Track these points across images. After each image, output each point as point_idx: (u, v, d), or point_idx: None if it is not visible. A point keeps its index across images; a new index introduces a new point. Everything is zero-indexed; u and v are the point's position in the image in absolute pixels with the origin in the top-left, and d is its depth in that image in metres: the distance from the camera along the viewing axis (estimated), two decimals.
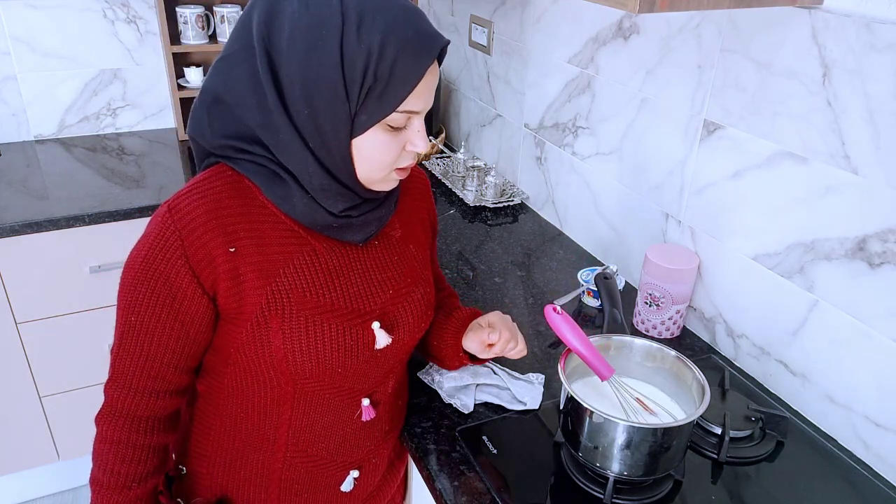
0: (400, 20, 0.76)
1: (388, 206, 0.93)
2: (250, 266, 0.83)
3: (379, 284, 0.93)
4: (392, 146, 0.82)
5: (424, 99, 0.81)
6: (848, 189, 1.03)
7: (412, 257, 0.99)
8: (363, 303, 0.91)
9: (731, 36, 1.19)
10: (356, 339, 0.89)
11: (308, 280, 0.86)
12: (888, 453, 1.04)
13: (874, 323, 1.03)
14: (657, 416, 0.99)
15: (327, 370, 0.88)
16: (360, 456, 1.03)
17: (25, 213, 1.74)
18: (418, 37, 0.77)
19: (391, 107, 0.78)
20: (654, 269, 1.31)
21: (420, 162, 2.17)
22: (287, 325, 0.84)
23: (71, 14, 2.10)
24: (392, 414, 1.05)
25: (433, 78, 0.80)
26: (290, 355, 0.85)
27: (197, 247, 0.80)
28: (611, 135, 1.54)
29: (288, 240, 0.86)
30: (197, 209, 0.81)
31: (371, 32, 0.74)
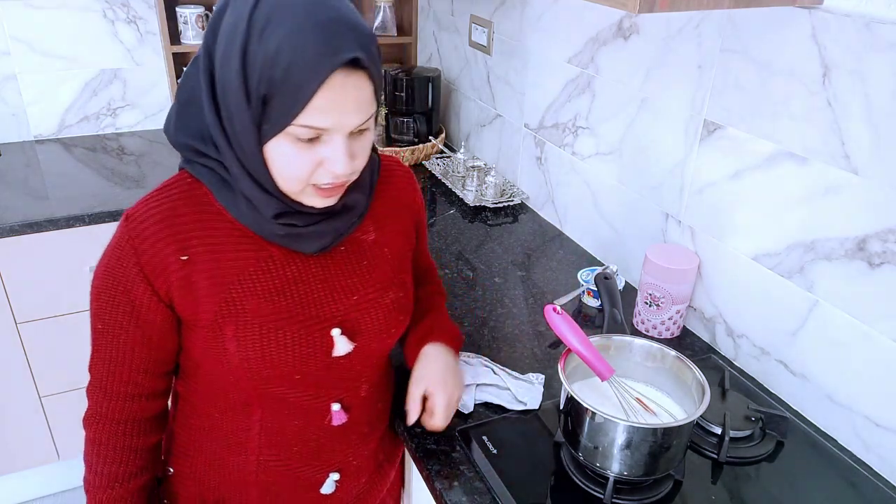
0: (303, 28, 0.71)
1: (349, 219, 0.90)
2: (203, 274, 0.83)
3: (342, 290, 0.91)
4: (300, 160, 0.77)
5: (333, 116, 0.74)
6: (848, 189, 1.03)
7: (385, 261, 0.96)
8: (322, 309, 0.89)
9: (731, 36, 1.19)
10: (313, 346, 0.88)
11: (264, 287, 0.86)
12: (888, 453, 1.04)
13: (874, 323, 1.03)
14: (657, 416, 0.99)
15: (285, 377, 0.88)
16: (337, 459, 1.01)
17: (25, 213, 1.74)
18: (315, 48, 0.71)
19: (287, 119, 0.74)
20: (654, 269, 1.31)
21: (420, 162, 2.17)
22: (242, 333, 0.85)
23: (71, 14, 2.10)
24: (369, 417, 1.03)
25: (345, 94, 0.74)
26: (245, 362, 0.85)
27: (150, 255, 0.81)
28: (611, 135, 1.54)
29: (244, 247, 0.85)
30: (150, 217, 0.82)
31: (269, 39, 0.71)
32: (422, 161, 2.18)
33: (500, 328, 1.36)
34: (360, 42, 0.74)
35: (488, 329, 1.36)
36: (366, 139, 0.81)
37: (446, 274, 1.55)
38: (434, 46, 2.39)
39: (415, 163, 2.17)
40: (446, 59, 2.31)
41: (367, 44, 0.75)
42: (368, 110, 0.78)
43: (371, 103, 0.78)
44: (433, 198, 1.97)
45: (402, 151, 2.12)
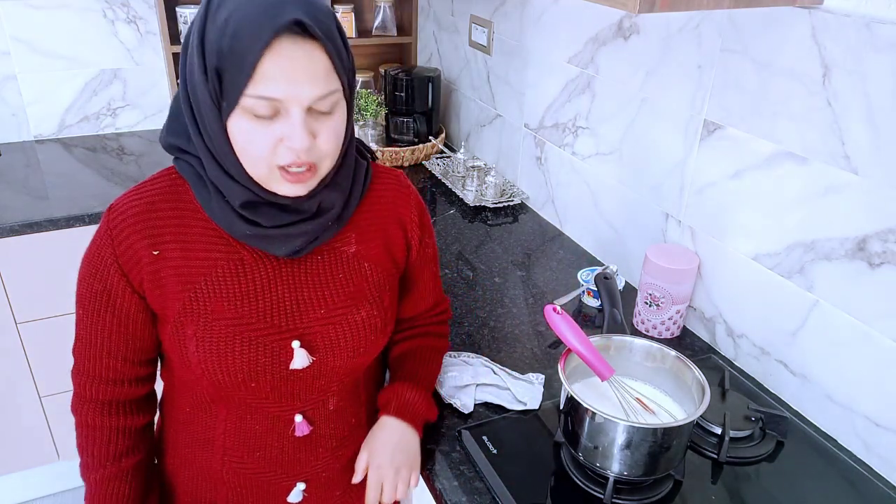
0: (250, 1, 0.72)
1: (323, 222, 0.87)
2: (171, 270, 0.84)
3: (309, 301, 0.89)
4: (259, 137, 0.75)
5: (283, 85, 0.73)
6: (848, 189, 1.03)
7: (363, 277, 0.93)
8: (284, 319, 0.88)
9: (731, 36, 1.19)
10: (269, 356, 0.87)
11: (229, 290, 0.86)
12: (888, 453, 1.04)
13: (874, 323, 1.03)
14: (657, 416, 0.99)
15: (240, 383, 0.88)
16: (303, 469, 0.99)
17: (25, 213, 1.74)
18: (258, 13, 0.71)
19: (238, 90, 0.73)
20: (654, 269, 1.31)
21: (420, 162, 2.17)
22: (201, 333, 0.85)
23: (71, 14, 2.10)
24: (340, 432, 1.01)
25: (294, 62, 0.73)
26: (202, 363, 0.86)
27: (125, 247, 0.83)
28: (611, 135, 1.54)
29: (216, 246, 0.86)
30: (129, 210, 0.84)
31: (220, 13, 0.73)
32: (422, 161, 2.18)
33: (500, 328, 1.36)
34: (306, 9, 0.72)
35: (488, 329, 1.36)
36: (332, 122, 0.79)
37: (446, 274, 1.55)
38: (434, 46, 2.39)
39: (415, 163, 2.17)
40: (446, 59, 2.31)
41: (314, 12, 0.73)
42: (325, 84, 0.75)
43: (328, 77, 0.75)
44: (433, 198, 1.97)
45: (402, 151, 2.13)
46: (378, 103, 2.17)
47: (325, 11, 0.76)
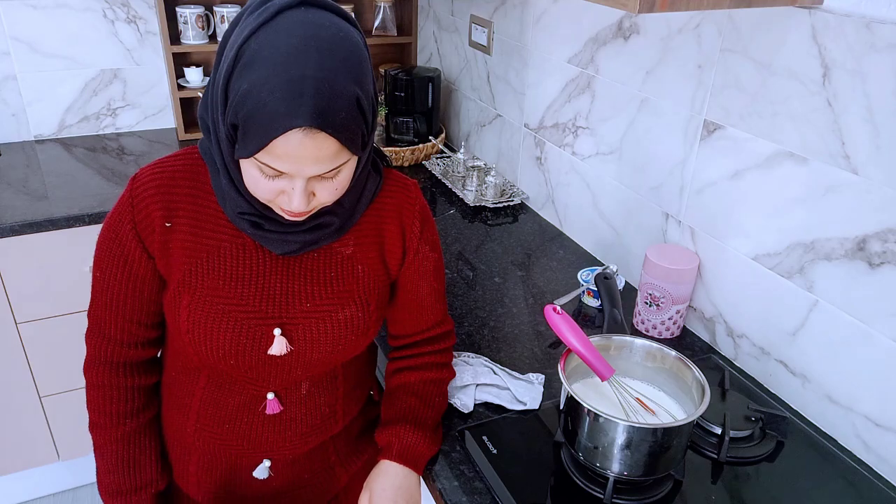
0: (269, 82, 0.73)
1: (318, 235, 0.91)
2: (179, 243, 0.90)
3: (297, 294, 0.93)
4: (264, 185, 0.81)
5: (289, 165, 0.77)
6: (848, 189, 1.03)
7: (354, 278, 0.96)
8: (271, 307, 0.92)
9: (731, 36, 1.19)
10: (251, 339, 0.91)
11: (226, 270, 0.91)
12: (888, 453, 1.04)
13: (874, 323, 1.03)
14: (657, 416, 0.99)
15: (221, 358, 0.92)
16: (269, 447, 1.02)
17: (25, 213, 1.74)
18: (273, 106, 0.73)
19: (249, 151, 0.77)
20: (654, 269, 1.31)
21: (420, 162, 2.17)
22: (194, 305, 0.90)
23: (71, 14, 2.10)
24: (311, 418, 1.02)
25: (302, 150, 0.75)
26: (190, 333, 0.91)
27: (143, 215, 0.88)
28: (611, 135, 1.54)
29: (222, 228, 0.91)
30: (151, 181, 0.89)
31: (244, 79, 0.75)
32: (422, 161, 2.18)
33: (500, 328, 1.36)
34: (321, 108, 0.73)
35: (488, 329, 1.36)
36: (338, 180, 0.82)
37: (446, 274, 1.55)
38: (434, 46, 2.39)
39: (415, 163, 2.17)
40: (446, 59, 2.31)
41: (331, 108, 0.74)
42: (332, 163, 0.78)
43: (336, 157, 0.78)
44: (433, 198, 1.97)
45: (402, 151, 2.13)
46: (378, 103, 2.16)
47: (345, 100, 0.76)
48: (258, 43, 0.75)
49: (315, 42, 0.75)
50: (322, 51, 0.75)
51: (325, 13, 0.79)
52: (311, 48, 0.74)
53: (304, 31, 0.75)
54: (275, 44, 0.75)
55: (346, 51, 0.77)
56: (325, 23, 0.77)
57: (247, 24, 0.78)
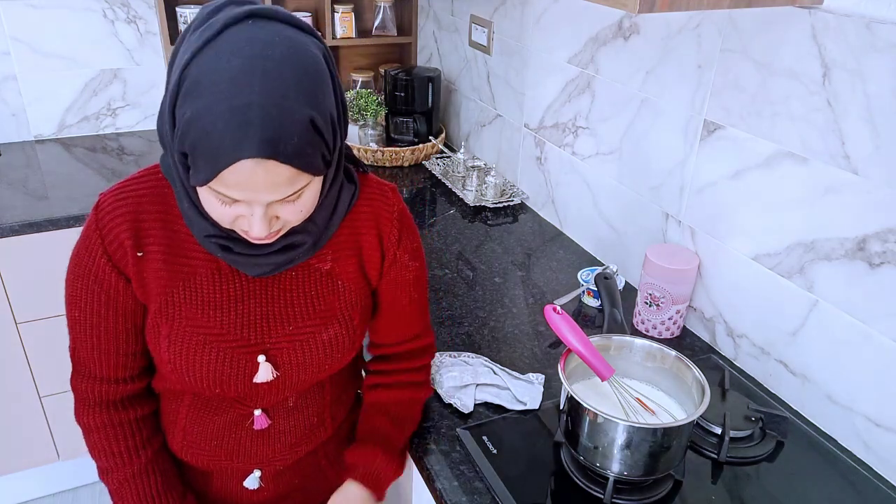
0: (212, 111, 0.68)
1: (291, 255, 0.86)
2: (153, 273, 0.86)
3: (278, 317, 0.90)
4: (221, 212, 0.76)
5: (243, 194, 0.72)
6: (848, 189, 1.03)
7: (335, 294, 0.93)
8: (253, 333, 0.89)
9: (731, 36, 1.19)
10: (234, 368, 0.89)
11: (203, 298, 0.87)
12: (888, 453, 1.04)
13: (874, 323, 1.03)
14: (657, 416, 0.99)
15: (205, 387, 0.90)
16: (259, 460, 1.01)
17: (25, 213, 1.74)
18: (219, 136, 0.68)
19: (198, 182, 0.73)
20: (654, 269, 1.31)
21: (420, 162, 2.17)
22: (173, 336, 0.87)
23: (71, 14, 2.10)
24: (300, 429, 1.02)
25: (254, 178, 0.70)
26: (172, 363, 0.88)
27: (115, 246, 0.84)
28: (611, 135, 1.54)
29: (196, 253, 0.87)
30: (116, 210, 0.84)
31: (187, 106, 0.70)
32: (422, 161, 2.18)
33: (500, 328, 1.36)
34: (269, 137, 0.68)
35: (488, 329, 1.36)
36: (301, 202, 0.78)
37: (446, 274, 1.55)
38: (434, 46, 2.39)
39: (415, 163, 2.17)
40: (446, 59, 2.31)
41: (278, 137, 0.69)
42: (289, 188, 0.74)
43: (292, 181, 0.73)
44: (433, 198, 1.97)
45: (402, 151, 2.13)
46: (378, 103, 2.17)
47: (297, 124, 0.70)
48: (200, 66, 0.70)
49: (262, 63, 0.69)
50: (269, 72, 0.69)
51: (276, 26, 0.73)
52: (256, 70, 0.69)
53: (249, 51, 0.69)
54: (217, 66, 0.69)
55: (298, 68, 0.71)
56: (273, 38, 0.71)
57: (190, 43, 0.72)
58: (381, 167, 2.15)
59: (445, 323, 1.37)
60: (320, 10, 2.31)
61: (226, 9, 0.73)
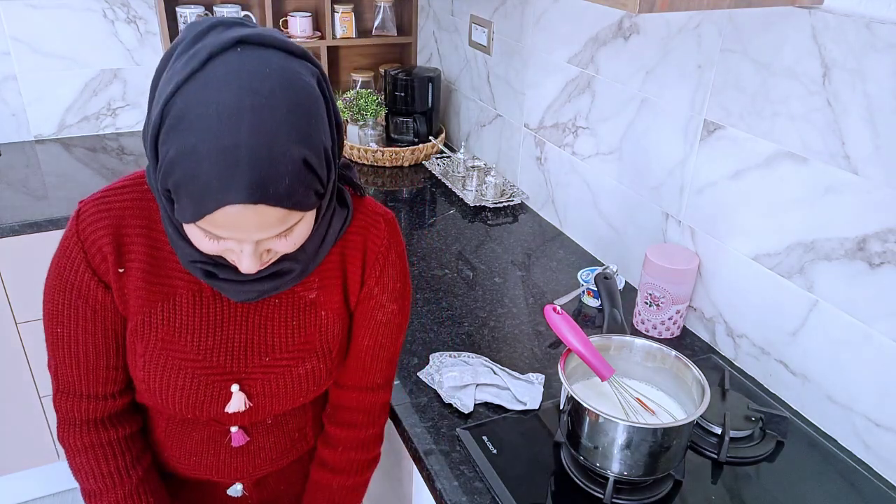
0: (197, 151, 0.64)
1: (279, 283, 0.82)
2: (133, 290, 0.82)
3: (256, 347, 0.87)
4: (207, 244, 0.73)
5: (231, 234, 0.69)
6: (848, 189, 1.03)
7: (317, 326, 0.89)
8: (230, 361, 0.86)
9: (731, 36, 1.19)
10: (207, 395, 0.86)
11: (183, 321, 0.84)
12: (888, 453, 1.04)
13: (874, 323, 1.03)
14: (657, 416, 0.99)
15: (178, 411, 0.87)
16: (240, 474, 0.99)
17: (25, 213, 1.74)
18: (205, 180, 0.64)
19: (184, 220, 0.70)
20: (654, 269, 1.31)
21: (420, 162, 2.17)
22: (148, 356, 0.84)
23: (71, 14, 2.10)
24: (281, 444, 0.99)
25: (243, 220, 0.67)
26: (145, 383, 0.85)
27: (99, 259, 0.81)
28: (611, 135, 1.54)
29: (178, 273, 0.83)
30: (99, 222, 0.80)
31: (172, 142, 0.66)
32: (422, 161, 2.18)
33: (500, 328, 1.36)
34: (258, 180, 0.65)
35: (488, 329, 1.36)
36: (293, 236, 0.74)
37: (446, 274, 1.55)
38: (434, 46, 2.39)
39: (415, 163, 2.17)
40: (446, 59, 2.31)
41: (267, 180, 0.65)
42: (280, 226, 0.70)
43: (283, 220, 0.70)
44: (433, 198, 1.97)
45: (402, 151, 2.13)
46: (378, 103, 2.17)
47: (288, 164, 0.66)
48: (185, 99, 0.65)
49: (250, 98, 0.64)
50: (259, 109, 0.64)
51: (266, 53, 0.68)
52: (244, 107, 0.64)
53: (238, 84, 0.65)
54: (204, 102, 0.64)
55: (290, 102, 0.67)
56: (263, 69, 0.67)
57: (175, 71, 0.67)
58: (381, 167, 2.15)
59: (445, 323, 1.37)
60: (320, 10, 2.31)
61: (212, 32, 0.69)
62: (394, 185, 2.05)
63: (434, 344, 1.30)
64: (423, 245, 1.68)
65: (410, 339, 1.31)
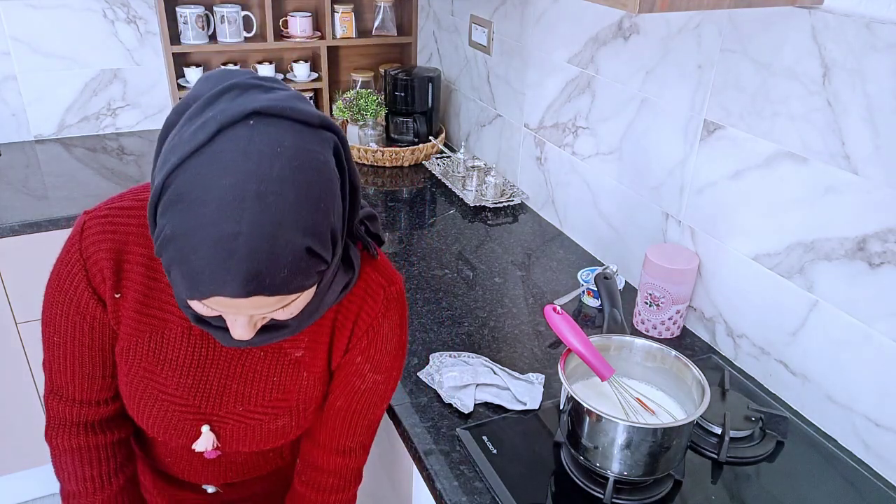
0: (192, 237, 0.61)
1: (273, 335, 0.79)
2: (126, 316, 0.82)
3: (233, 394, 0.86)
4: (202, 308, 0.69)
5: (226, 311, 0.68)
6: (848, 189, 1.03)
7: (298, 386, 0.87)
8: (203, 402, 0.85)
9: (731, 36, 1.19)
10: (178, 430, 0.87)
11: (167, 355, 0.83)
12: (888, 453, 1.04)
13: (874, 323, 1.03)
14: (657, 416, 0.99)
15: (151, 433, 0.88)
16: (215, 479, 1.00)
17: (25, 213, 1.74)
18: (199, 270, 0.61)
19: (175, 292, 0.68)
20: (654, 269, 1.31)
21: (420, 162, 2.17)
22: (128, 379, 0.84)
23: (71, 14, 2.10)
24: (253, 461, 0.99)
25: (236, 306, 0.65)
26: (125, 400, 0.87)
27: (99, 279, 0.80)
28: (611, 135, 1.54)
29: (172, 308, 0.82)
30: (102, 243, 0.78)
31: (168, 219, 0.62)
32: (422, 161, 2.18)
33: (500, 328, 1.36)
34: (255, 273, 0.61)
35: (488, 329, 1.36)
36: (292, 307, 0.71)
37: (446, 274, 1.55)
38: (434, 46, 2.39)
39: (415, 163, 2.17)
40: (446, 59, 2.31)
41: (265, 272, 0.61)
42: (277, 305, 0.67)
43: (279, 301, 0.67)
44: (433, 198, 1.97)
45: (402, 151, 2.13)
46: (378, 103, 2.17)
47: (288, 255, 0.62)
48: (187, 176, 0.61)
49: (256, 184, 0.60)
50: (263, 196, 0.60)
51: (281, 126, 0.63)
52: (249, 193, 0.60)
53: (244, 167, 0.60)
54: (206, 183, 0.60)
55: (299, 187, 0.62)
56: (274, 149, 0.61)
57: (182, 138, 0.63)
58: (381, 167, 2.15)
59: (445, 323, 1.37)
60: (320, 10, 2.31)
61: (226, 97, 0.64)
62: (394, 185, 2.05)
63: (434, 344, 1.30)
64: (423, 245, 1.68)
65: (411, 339, 1.32)
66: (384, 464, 1.38)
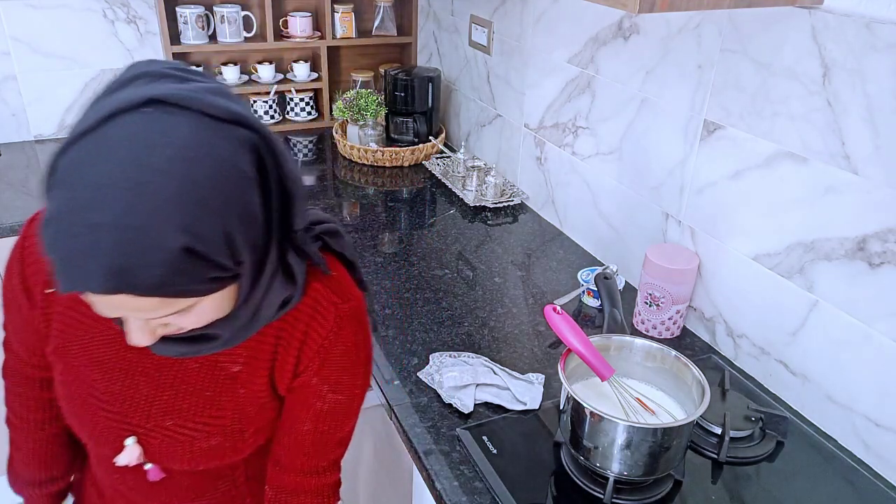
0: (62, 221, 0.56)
1: (203, 346, 0.75)
2: (59, 313, 0.81)
3: (163, 406, 0.80)
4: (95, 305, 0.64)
5: (106, 311, 0.62)
6: (848, 189, 1.03)
7: (234, 403, 0.81)
8: (131, 412, 0.80)
9: (731, 36, 1.19)
10: (104, 437, 0.82)
11: (98, 359, 0.80)
12: (888, 453, 1.04)
13: (874, 323, 1.03)
14: (657, 416, 0.99)
15: (82, 438, 0.86)
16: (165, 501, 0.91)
17: (25, 213, 1.74)
18: (60, 255, 0.57)
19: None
20: (654, 269, 1.31)
21: (420, 162, 2.17)
22: (63, 378, 0.83)
23: (71, 14, 2.10)
24: (201, 487, 0.89)
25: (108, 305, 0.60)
26: (61, 401, 0.86)
27: (31, 278, 0.82)
28: (611, 135, 1.54)
29: None
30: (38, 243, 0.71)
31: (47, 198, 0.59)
32: (422, 161, 2.18)
33: (500, 328, 1.36)
34: (118, 268, 0.56)
35: (488, 329, 1.36)
36: (195, 312, 0.66)
37: (446, 274, 1.55)
38: (434, 46, 2.39)
39: (415, 163, 2.17)
40: (446, 59, 2.31)
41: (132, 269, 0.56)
42: (162, 311, 0.62)
43: (165, 305, 0.61)
44: (433, 198, 1.97)
45: (401, 151, 2.13)
46: (378, 103, 2.17)
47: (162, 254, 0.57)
48: (69, 160, 0.58)
49: (136, 172, 0.55)
50: (141, 186, 0.55)
51: (181, 117, 0.59)
52: (124, 181, 0.55)
53: (127, 153, 0.56)
54: (84, 167, 0.56)
55: (183, 181, 0.57)
56: (162, 139, 0.57)
57: (78, 120, 0.60)
58: (381, 167, 2.15)
59: (445, 323, 1.37)
60: (320, 10, 2.31)
61: (135, 83, 0.61)
62: (394, 185, 2.05)
63: (434, 344, 1.30)
64: (423, 245, 1.68)
65: (411, 339, 1.32)
66: (384, 464, 1.38)
